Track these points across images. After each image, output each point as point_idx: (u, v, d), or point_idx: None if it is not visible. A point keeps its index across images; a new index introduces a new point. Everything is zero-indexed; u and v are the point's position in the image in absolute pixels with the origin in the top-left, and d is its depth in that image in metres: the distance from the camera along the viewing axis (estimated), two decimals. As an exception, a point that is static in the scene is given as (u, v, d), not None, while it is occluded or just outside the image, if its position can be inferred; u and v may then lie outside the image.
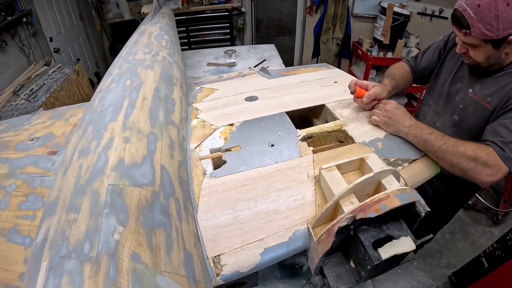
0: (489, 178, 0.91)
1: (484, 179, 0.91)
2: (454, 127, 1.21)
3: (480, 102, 1.09)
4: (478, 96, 1.10)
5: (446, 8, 3.66)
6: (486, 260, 1.86)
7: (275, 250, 0.74)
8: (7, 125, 1.15)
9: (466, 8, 0.94)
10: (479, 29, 0.93)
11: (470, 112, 1.14)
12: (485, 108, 1.07)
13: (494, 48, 0.97)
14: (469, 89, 1.14)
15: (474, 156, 0.91)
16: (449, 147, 0.94)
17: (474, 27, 0.94)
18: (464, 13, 0.95)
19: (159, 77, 1.16)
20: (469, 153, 0.92)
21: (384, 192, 0.70)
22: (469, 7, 0.94)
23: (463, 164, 0.92)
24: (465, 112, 1.16)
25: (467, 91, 1.15)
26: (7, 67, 2.61)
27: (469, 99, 1.14)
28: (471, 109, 1.13)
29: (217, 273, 0.70)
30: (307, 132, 1.04)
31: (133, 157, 0.75)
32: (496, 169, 0.90)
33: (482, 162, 0.91)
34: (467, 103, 1.15)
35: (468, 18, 0.94)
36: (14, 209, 0.77)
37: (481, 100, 1.08)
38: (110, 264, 0.52)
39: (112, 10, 4.26)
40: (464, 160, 0.92)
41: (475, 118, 1.12)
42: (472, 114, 1.12)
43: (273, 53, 2.73)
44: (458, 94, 1.19)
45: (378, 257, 0.64)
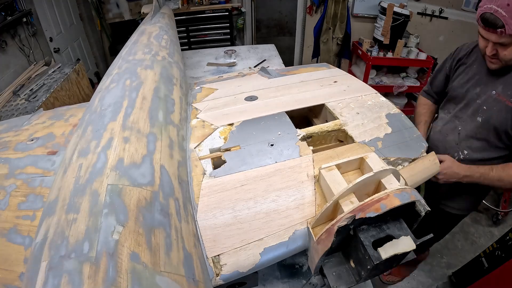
0: None
1: None
2: (477, 128, 1.27)
3: (504, 102, 1.17)
4: (502, 97, 1.18)
5: (446, 8, 3.66)
6: (486, 260, 1.86)
7: (274, 250, 0.74)
8: (7, 125, 1.15)
9: (497, 9, 1.01)
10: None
11: (494, 112, 1.21)
12: (509, 107, 1.16)
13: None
14: (493, 91, 1.21)
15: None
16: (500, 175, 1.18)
17: (509, 24, 1.00)
18: (496, 14, 1.01)
19: (159, 77, 1.16)
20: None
21: (384, 191, 0.70)
22: (500, 7, 1.00)
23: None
24: (489, 113, 1.22)
25: (491, 92, 1.22)
26: (7, 67, 2.62)
27: (493, 100, 1.21)
28: (496, 109, 1.20)
29: (216, 273, 0.70)
30: (307, 132, 1.04)
31: (132, 157, 0.75)
32: None
33: None
34: (491, 104, 1.22)
35: (501, 17, 1.01)
36: (14, 209, 0.77)
37: (506, 100, 1.16)
38: (110, 264, 0.52)
39: (112, 10, 4.26)
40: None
41: (499, 117, 1.19)
42: (497, 114, 1.19)
43: (273, 53, 2.73)
44: (480, 97, 1.26)
45: (378, 256, 0.64)
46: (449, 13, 3.67)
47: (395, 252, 0.64)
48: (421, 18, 3.83)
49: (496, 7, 1.01)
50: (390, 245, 0.65)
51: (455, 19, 3.66)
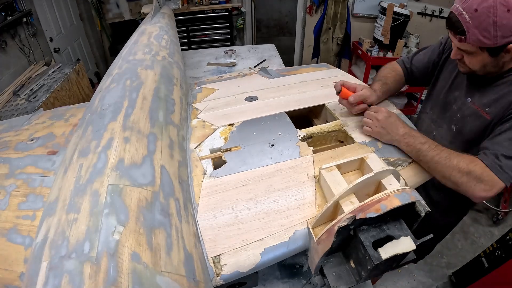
0: (482, 193, 0.87)
1: (477, 194, 0.88)
2: (451, 137, 1.16)
3: (479, 112, 1.04)
4: (477, 106, 1.04)
5: (446, 8, 3.66)
6: (486, 260, 1.86)
7: (275, 250, 0.74)
8: (7, 125, 1.15)
9: (462, 12, 0.87)
10: (475, 35, 0.87)
11: (468, 122, 1.08)
12: (484, 118, 1.02)
13: (491, 56, 0.91)
14: (467, 99, 1.08)
15: (467, 170, 0.87)
16: (441, 158, 0.90)
17: (470, 33, 0.87)
18: (460, 17, 0.88)
19: (159, 77, 1.16)
20: (462, 166, 0.88)
21: (384, 192, 0.70)
22: (465, 11, 0.86)
23: (456, 177, 0.89)
24: (463, 122, 1.11)
25: (465, 100, 1.09)
26: (7, 67, 2.62)
27: (467, 108, 1.09)
28: (470, 120, 1.08)
29: (217, 273, 0.70)
30: (307, 132, 1.04)
31: (133, 157, 0.75)
32: (491, 184, 0.86)
33: (476, 176, 0.87)
34: (465, 113, 1.09)
35: (464, 23, 0.87)
36: (14, 209, 0.77)
37: (480, 110, 1.03)
38: (110, 264, 0.52)
39: (112, 10, 4.26)
40: (457, 173, 0.88)
41: (473, 128, 1.07)
42: (471, 125, 1.07)
43: (273, 53, 2.73)
44: (456, 102, 1.14)
45: (378, 257, 0.64)
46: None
47: (395, 252, 0.65)
48: (421, 18, 3.83)
49: (461, 9, 0.87)
50: (390, 246, 0.66)
51: (455, 19, 3.66)
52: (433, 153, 0.91)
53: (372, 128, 1.01)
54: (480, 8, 0.83)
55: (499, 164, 0.87)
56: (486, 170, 0.87)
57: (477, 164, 0.88)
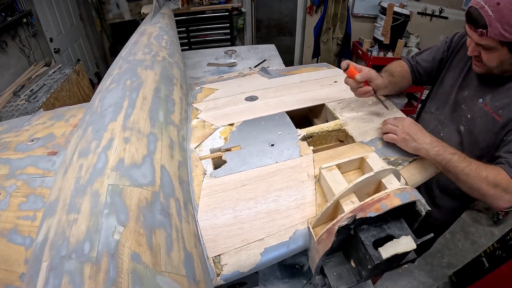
0: (507, 204, 0.89)
1: (503, 205, 0.90)
2: (460, 138, 1.13)
3: (491, 114, 1.01)
4: (489, 108, 1.02)
5: (446, 8, 3.66)
6: (487, 260, 1.86)
7: (275, 250, 0.74)
8: (7, 126, 1.15)
9: (484, 5, 0.86)
10: (497, 29, 0.85)
11: (479, 124, 1.05)
12: (495, 121, 1.00)
13: (511, 52, 0.90)
14: (480, 99, 1.06)
15: (495, 183, 0.88)
16: (472, 171, 0.89)
17: (492, 27, 0.86)
18: (482, 10, 0.87)
19: (159, 77, 1.16)
20: (491, 178, 0.88)
21: (384, 191, 0.70)
22: (487, 4, 0.85)
23: (485, 189, 0.89)
24: (473, 123, 1.07)
25: (477, 101, 1.06)
26: (8, 67, 2.62)
27: (479, 109, 1.05)
28: (481, 121, 1.05)
29: (217, 273, 0.70)
30: (307, 132, 1.04)
31: (133, 157, 0.75)
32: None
33: (503, 188, 0.88)
34: (476, 114, 1.06)
35: (485, 16, 0.86)
36: (14, 210, 0.77)
37: (492, 112, 1.01)
38: (110, 264, 0.52)
39: (112, 11, 4.26)
40: (485, 186, 0.89)
41: (483, 130, 1.04)
42: (481, 126, 1.04)
43: (273, 53, 2.73)
44: (466, 102, 1.10)
45: (378, 256, 0.64)
46: (449, 13, 3.67)
47: (395, 251, 0.64)
48: (421, 18, 3.83)
49: (483, 3, 0.86)
50: (391, 245, 0.65)
51: (455, 19, 3.66)
52: (463, 164, 0.90)
53: (398, 135, 0.96)
54: (503, 1, 0.82)
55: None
56: (510, 181, 0.88)
57: (503, 176, 0.89)
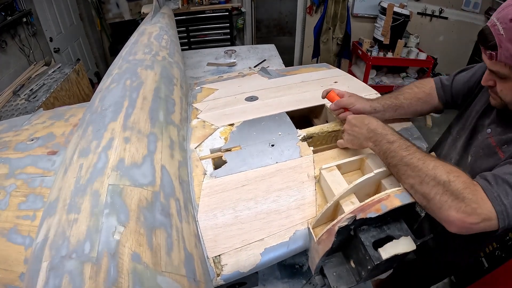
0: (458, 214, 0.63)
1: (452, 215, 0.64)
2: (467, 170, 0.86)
3: (494, 149, 0.84)
4: (494, 140, 0.85)
5: (446, 8, 3.67)
6: (486, 260, 1.86)
7: (275, 250, 0.74)
8: (7, 125, 1.14)
9: (495, 23, 0.69)
10: (508, 51, 0.68)
11: (481, 155, 0.88)
12: (498, 157, 0.81)
13: None
14: (488, 129, 0.89)
15: (446, 179, 0.66)
16: (413, 159, 0.71)
17: (502, 48, 0.68)
18: (493, 28, 0.70)
19: (159, 77, 1.16)
20: (441, 173, 0.67)
21: (384, 192, 0.70)
22: (499, 21, 0.68)
23: (428, 186, 0.67)
24: (476, 155, 0.91)
25: (486, 131, 0.90)
26: (7, 67, 2.62)
27: (484, 140, 0.89)
28: (483, 153, 0.88)
29: (217, 273, 0.70)
30: (308, 132, 1.04)
31: (133, 157, 0.75)
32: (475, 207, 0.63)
33: (456, 190, 0.64)
34: (481, 145, 0.90)
35: (496, 35, 0.69)
36: (14, 209, 0.77)
37: (496, 146, 0.84)
38: (111, 264, 0.52)
39: (112, 10, 4.26)
40: (430, 181, 0.67)
41: (484, 164, 0.85)
42: (483, 160, 0.87)
43: (273, 53, 2.73)
44: (482, 131, 0.93)
45: (378, 257, 0.64)
46: (449, 13, 3.68)
47: (395, 252, 0.65)
48: (421, 18, 3.84)
49: (495, 20, 0.70)
50: (391, 246, 0.66)
51: (455, 19, 3.67)
52: (403, 153, 0.73)
53: (344, 137, 0.92)
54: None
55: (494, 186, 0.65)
56: (472, 186, 0.65)
57: (461, 175, 0.67)
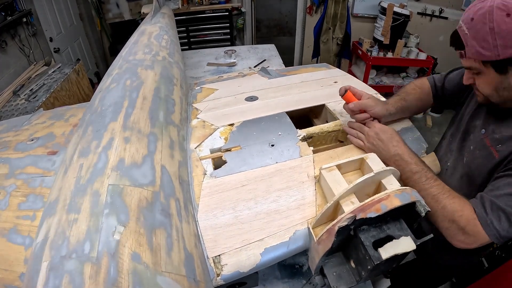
0: (462, 244, 0.81)
1: (456, 244, 0.82)
2: (463, 171, 0.99)
3: (488, 148, 0.89)
4: (488, 141, 0.90)
5: (446, 8, 3.67)
6: (487, 260, 1.86)
7: (275, 250, 0.74)
8: (7, 125, 1.15)
9: (461, 25, 0.79)
10: (473, 47, 0.77)
11: (477, 157, 0.93)
12: (492, 156, 0.87)
13: (499, 73, 0.78)
14: (482, 130, 0.94)
15: (451, 218, 0.80)
16: (428, 196, 0.82)
17: (469, 46, 0.78)
18: (459, 30, 0.80)
19: (159, 77, 1.16)
20: (448, 212, 0.80)
21: (384, 192, 0.70)
22: (463, 22, 0.78)
23: (438, 220, 0.82)
24: (472, 156, 0.95)
25: (480, 131, 0.95)
26: (7, 67, 2.62)
27: (479, 141, 0.93)
28: (479, 154, 0.92)
29: (217, 273, 0.70)
30: (307, 132, 1.04)
31: (133, 157, 0.75)
32: (473, 239, 0.78)
33: (458, 227, 0.79)
34: (476, 146, 0.94)
35: (462, 35, 0.79)
36: (14, 209, 0.77)
37: (490, 146, 0.88)
38: (111, 264, 0.52)
39: (112, 10, 4.26)
40: (439, 217, 0.82)
41: (480, 165, 0.91)
42: (479, 161, 0.92)
43: (273, 53, 2.73)
44: (474, 132, 0.98)
45: (378, 257, 0.64)
46: (449, 13, 3.68)
47: (395, 252, 0.65)
48: (421, 18, 3.84)
49: (461, 22, 0.79)
50: (391, 245, 0.66)
51: (455, 19, 3.66)
52: (421, 186, 0.84)
53: (364, 143, 0.96)
54: (476, 16, 0.75)
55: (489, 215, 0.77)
56: (472, 222, 0.78)
57: (464, 213, 0.79)
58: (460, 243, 0.81)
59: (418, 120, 4.07)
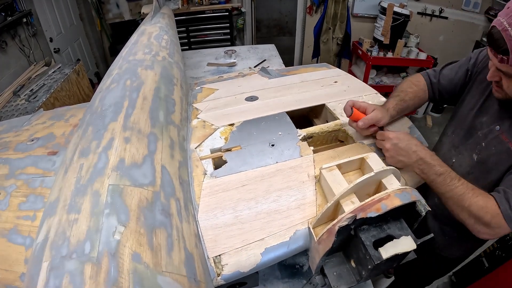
0: (485, 236, 0.86)
1: (481, 236, 0.87)
2: (471, 168, 1.02)
3: (506, 144, 0.90)
4: (505, 137, 0.91)
5: (446, 8, 3.67)
6: (487, 260, 1.86)
7: (275, 250, 0.74)
8: (7, 126, 1.15)
9: (507, 28, 0.73)
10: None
11: (493, 153, 0.95)
12: (511, 152, 0.89)
13: None
14: (496, 126, 0.94)
15: (477, 215, 0.83)
16: (454, 195, 0.86)
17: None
18: (504, 33, 0.73)
19: (159, 77, 1.16)
20: (474, 211, 0.84)
21: (384, 191, 0.70)
22: (511, 27, 0.72)
23: (464, 217, 0.86)
24: (487, 153, 0.96)
25: (494, 127, 0.95)
26: (7, 67, 2.62)
27: (494, 138, 0.94)
28: (495, 150, 0.94)
29: (218, 273, 0.70)
30: (308, 132, 1.04)
31: (133, 157, 0.75)
32: (497, 231, 0.83)
33: (484, 222, 0.83)
34: (491, 142, 0.95)
35: (508, 41, 0.73)
36: (14, 210, 0.77)
37: (508, 142, 0.90)
38: (111, 264, 0.52)
39: (112, 10, 4.26)
40: (466, 215, 0.86)
41: (497, 161, 0.93)
42: (495, 157, 0.94)
43: (273, 53, 2.73)
44: (482, 129, 0.99)
45: (378, 256, 0.64)
46: (449, 13, 3.68)
47: (395, 252, 0.65)
48: (421, 18, 3.83)
49: (507, 25, 0.73)
50: (391, 245, 0.66)
51: (455, 19, 3.66)
52: (446, 188, 0.87)
53: (385, 153, 0.96)
54: None
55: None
56: (497, 216, 0.82)
57: (489, 210, 0.83)
58: (485, 235, 0.86)
59: (418, 120, 4.07)
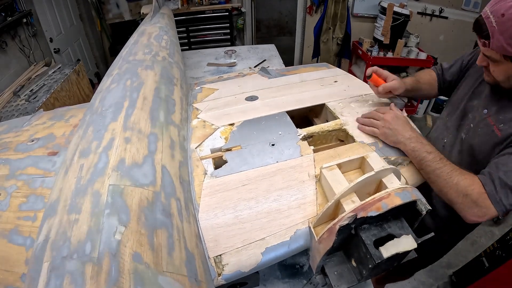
0: (474, 217, 0.87)
1: (469, 217, 0.88)
2: (460, 146, 1.09)
3: (491, 127, 0.96)
4: (491, 120, 0.97)
5: (446, 8, 3.67)
6: (487, 259, 1.86)
7: (276, 250, 0.74)
8: (7, 126, 1.14)
9: (489, 15, 0.81)
10: (499, 42, 0.81)
11: (478, 134, 1.01)
12: (494, 134, 0.94)
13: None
14: (485, 110, 1.01)
15: (464, 192, 0.86)
16: (443, 173, 0.89)
17: (494, 39, 0.82)
18: (487, 20, 0.82)
19: (159, 78, 1.16)
20: (461, 187, 0.87)
21: (385, 190, 0.70)
22: (492, 14, 0.80)
23: (452, 195, 0.88)
24: (473, 133, 1.03)
25: (482, 110, 1.02)
26: (7, 67, 2.62)
27: (482, 120, 1.01)
28: (481, 132, 1.00)
29: (218, 273, 0.70)
30: (308, 132, 1.04)
31: (134, 157, 0.75)
32: (484, 211, 0.85)
33: (472, 200, 0.86)
34: (478, 124, 1.02)
35: (489, 27, 0.82)
36: (15, 210, 0.77)
37: (493, 125, 0.96)
38: (112, 264, 0.52)
39: (112, 11, 4.26)
40: (454, 192, 0.88)
41: (482, 142, 0.99)
42: (480, 137, 0.99)
43: (273, 53, 2.73)
44: (472, 111, 1.07)
45: (379, 255, 0.64)
46: (449, 12, 3.68)
47: (396, 251, 0.65)
48: (421, 17, 3.83)
49: (489, 13, 0.82)
50: (392, 244, 0.66)
51: (455, 19, 3.67)
52: (436, 165, 0.90)
53: (379, 129, 1.00)
54: (508, 13, 0.77)
55: (497, 191, 0.84)
56: (483, 196, 0.85)
57: (475, 188, 0.86)
58: (473, 216, 0.87)
59: (418, 120, 4.07)
